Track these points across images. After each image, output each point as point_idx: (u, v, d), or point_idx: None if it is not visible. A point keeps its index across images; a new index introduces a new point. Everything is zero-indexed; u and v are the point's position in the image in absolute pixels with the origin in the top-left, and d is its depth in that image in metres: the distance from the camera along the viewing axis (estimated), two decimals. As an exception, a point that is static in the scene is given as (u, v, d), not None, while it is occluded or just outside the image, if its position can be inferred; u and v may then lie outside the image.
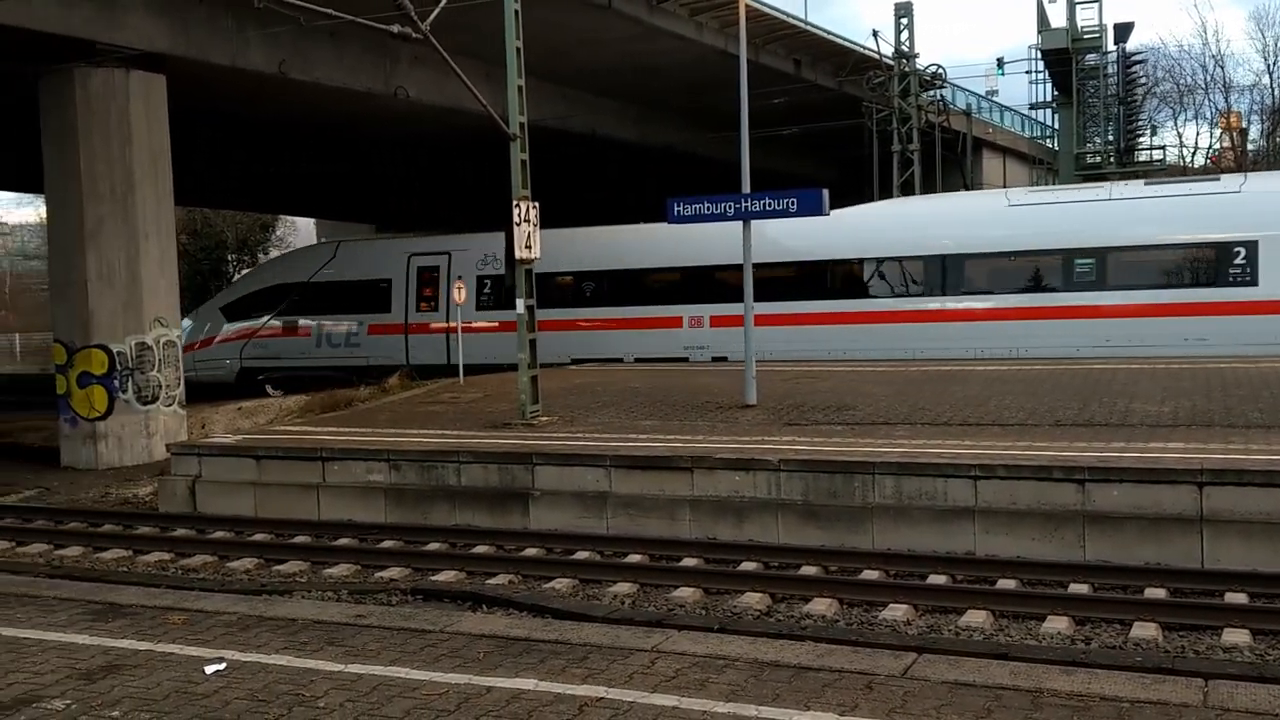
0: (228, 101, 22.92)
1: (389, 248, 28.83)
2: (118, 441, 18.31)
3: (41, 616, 6.98)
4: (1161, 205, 20.36)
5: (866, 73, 30.69)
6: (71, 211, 18.21)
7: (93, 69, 17.77)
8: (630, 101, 28.44)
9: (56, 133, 18.28)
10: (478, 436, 14.28)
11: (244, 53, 19.18)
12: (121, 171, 18.17)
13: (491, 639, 6.22)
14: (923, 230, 21.89)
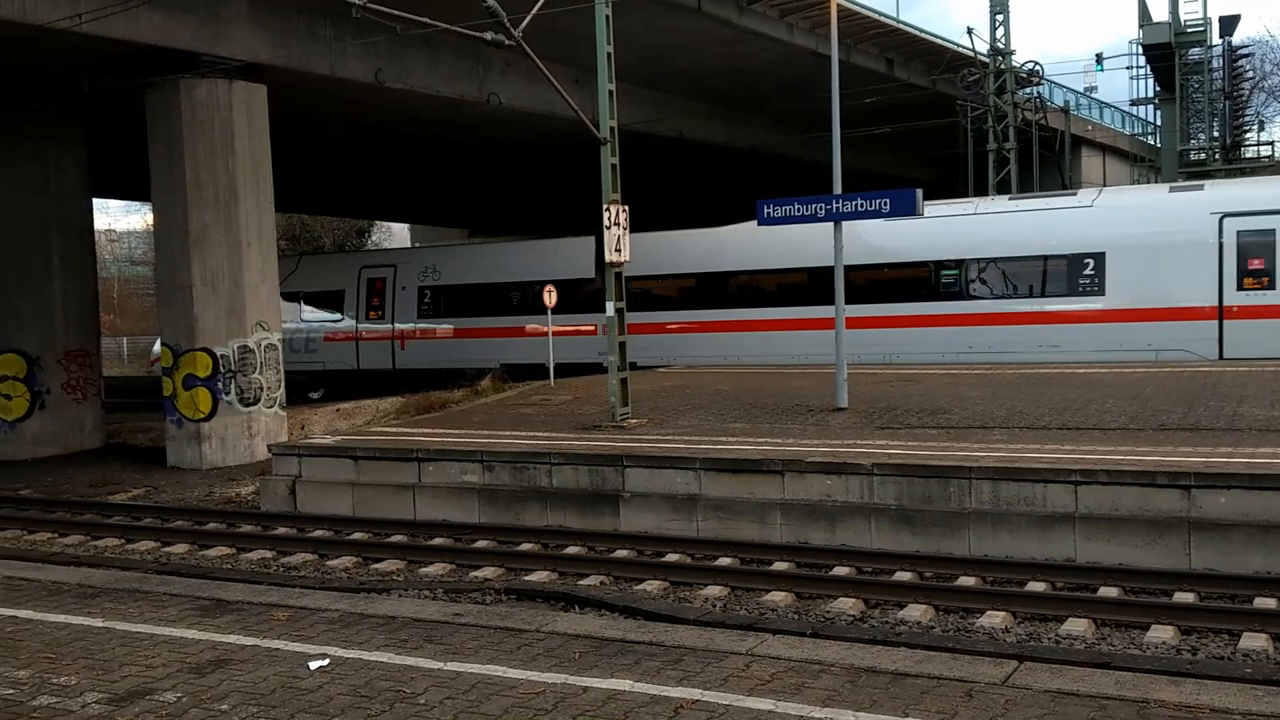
0: (325, 110, 23.44)
1: (345, 261, 31.00)
2: (221, 442, 18.82)
3: (153, 611, 7.21)
4: (1021, 219, 21.46)
5: (961, 71, 30.23)
6: (177, 219, 18.78)
7: (197, 80, 18.31)
8: (719, 103, 28.40)
9: (163, 142, 18.87)
10: (568, 438, 14.38)
11: (342, 62, 19.60)
12: (225, 179, 18.70)
13: (586, 639, 6.27)
14: (804, 243, 22.15)
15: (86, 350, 21.85)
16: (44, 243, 21.08)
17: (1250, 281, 19.12)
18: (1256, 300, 18.80)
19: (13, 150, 20.78)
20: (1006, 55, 31.78)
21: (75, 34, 16.02)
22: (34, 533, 14.30)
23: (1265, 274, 19.00)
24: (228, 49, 18.16)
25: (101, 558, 12.48)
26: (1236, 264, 19.21)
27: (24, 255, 20.94)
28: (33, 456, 20.69)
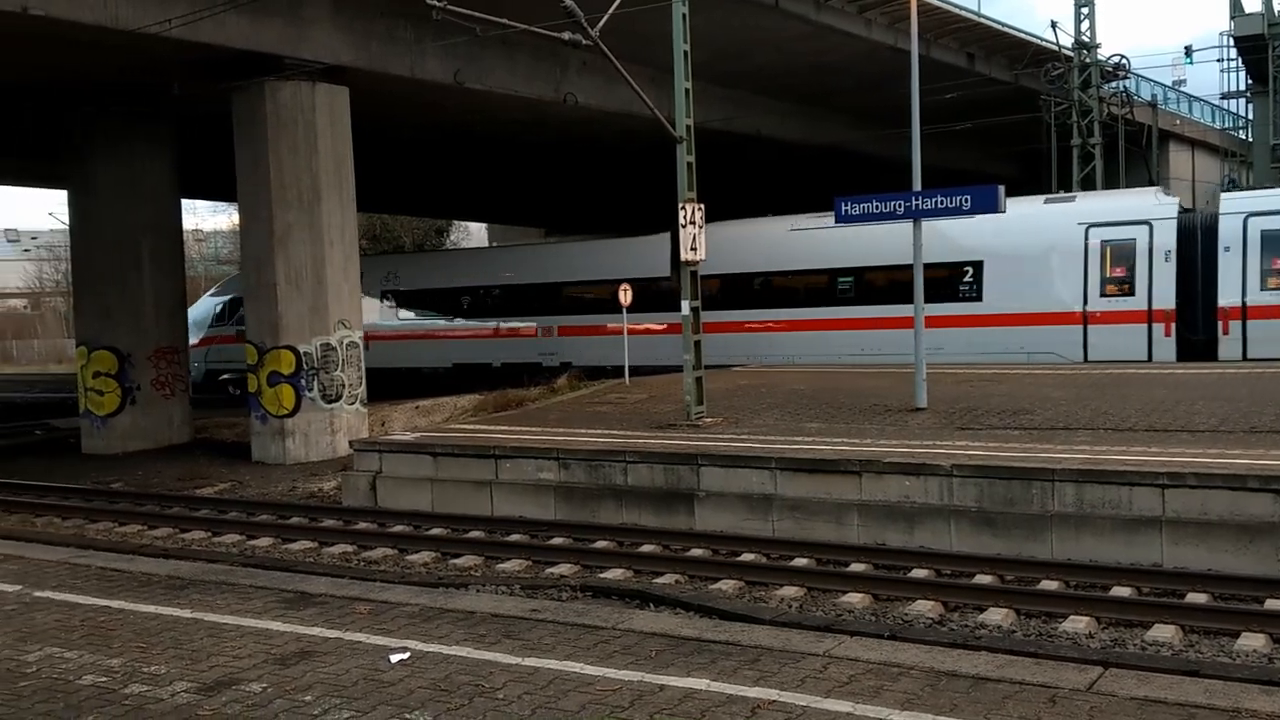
0: (404, 111, 23.75)
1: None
2: (304, 438, 19.19)
3: (239, 603, 7.38)
4: (908, 229, 21.63)
5: (1044, 65, 29.67)
6: (262, 219, 19.20)
7: (281, 83, 18.69)
8: (796, 100, 28.22)
9: (248, 144, 19.30)
10: (643, 437, 14.41)
11: (421, 63, 19.86)
12: (308, 180, 19.07)
13: (663, 637, 6.28)
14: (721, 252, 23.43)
15: (175, 347, 22.43)
16: (134, 243, 21.67)
17: (1112, 288, 20.40)
18: (1118, 306, 19.99)
19: (106, 153, 21.40)
20: (1091, 49, 31.12)
21: (165, 39, 16.45)
22: (124, 525, 14.72)
23: (1126, 281, 20.29)
24: (311, 52, 18.51)
25: (189, 550, 12.80)
26: (1100, 272, 20.48)
27: (116, 255, 21.56)
28: (123, 450, 21.29)
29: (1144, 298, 20.11)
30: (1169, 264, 20.16)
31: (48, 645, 6.56)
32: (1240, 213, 20.00)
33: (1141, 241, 20.02)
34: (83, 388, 21.94)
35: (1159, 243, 20.25)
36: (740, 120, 26.41)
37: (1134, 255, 20.23)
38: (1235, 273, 19.79)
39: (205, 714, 5.38)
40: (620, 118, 23.54)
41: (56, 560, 8.98)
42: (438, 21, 14.20)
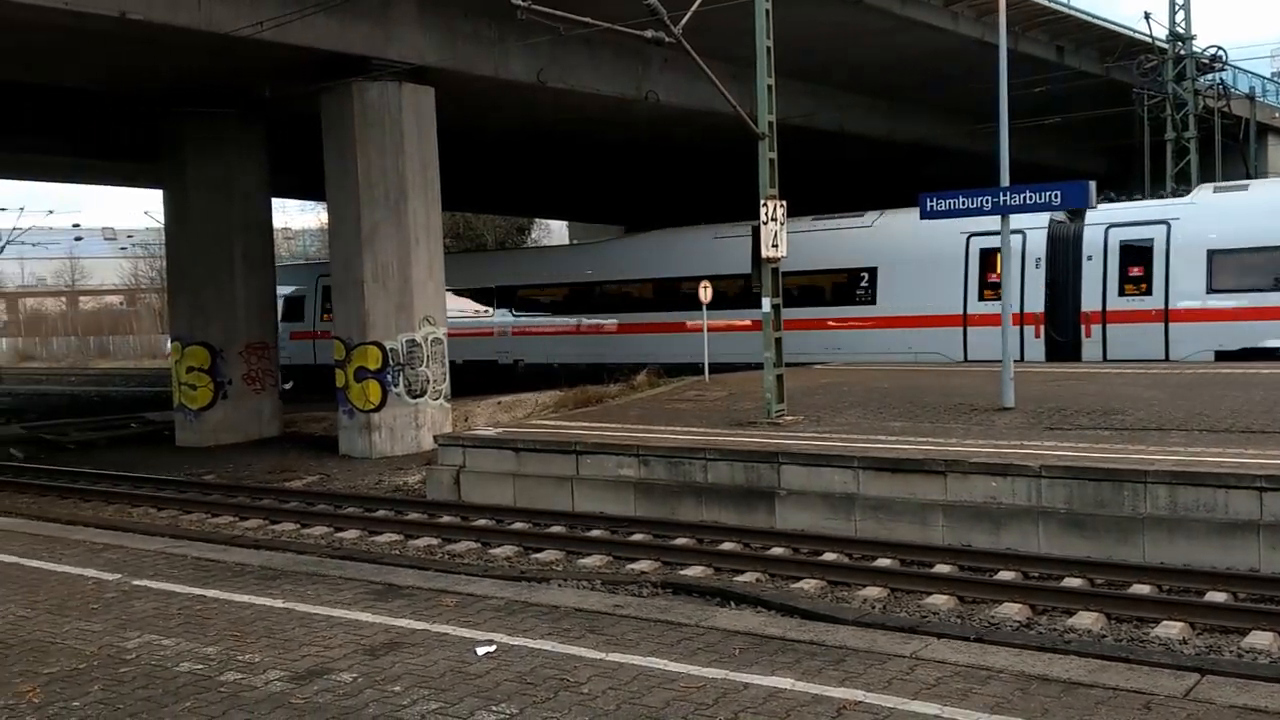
0: (488, 110, 23.99)
1: (307, 269, 35.74)
2: (389, 432, 19.51)
3: (329, 594, 7.53)
4: (817, 238, 24.25)
5: (1137, 57, 28.90)
6: (350, 217, 19.55)
7: (369, 83, 19.01)
8: (880, 95, 27.90)
9: (337, 144, 19.67)
10: (723, 434, 14.38)
11: (505, 63, 20.05)
12: (395, 179, 19.37)
13: (746, 636, 6.26)
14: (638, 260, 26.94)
15: (265, 343, 22.94)
16: (227, 241, 22.21)
17: (989, 293, 21.27)
18: (995, 309, 20.02)
19: (200, 154, 21.96)
20: (1186, 40, 30.25)
21: (256, 41, 16.84)
22: (217, 516, 15.11)
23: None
24: (398, 52, 18.79)
25: (278, 541, 13.08)
26: (979, 278, 21.71)
27: (210, 253, 22.12)
28: (215, 443, 21.84)
29: (1016, 302, 20.85)
30: (1039, 270, 21.41)
31: (146, 632, 6.76)
32: (1102, 224, 21.15)
33: (1016, 249, 20.54)
34: (176, 382, 22.55)
35: (1030, 250, 21.38)
36: (823, 115, 26.20)
37: (1018, 262, 21.13)
38: (1097, 280, 21.00)
39: (298, 703, 5.50)
40: (701, 115, 23.50)
41: (153, 550, 9.24)
42: (522, 21, 14.32)
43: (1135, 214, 21.39)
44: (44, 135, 26.67)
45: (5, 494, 17.43)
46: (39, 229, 55.77)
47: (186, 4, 16.27)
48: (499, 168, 33.78)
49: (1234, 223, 20.20)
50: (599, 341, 27.93)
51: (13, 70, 20.01)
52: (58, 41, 17.17)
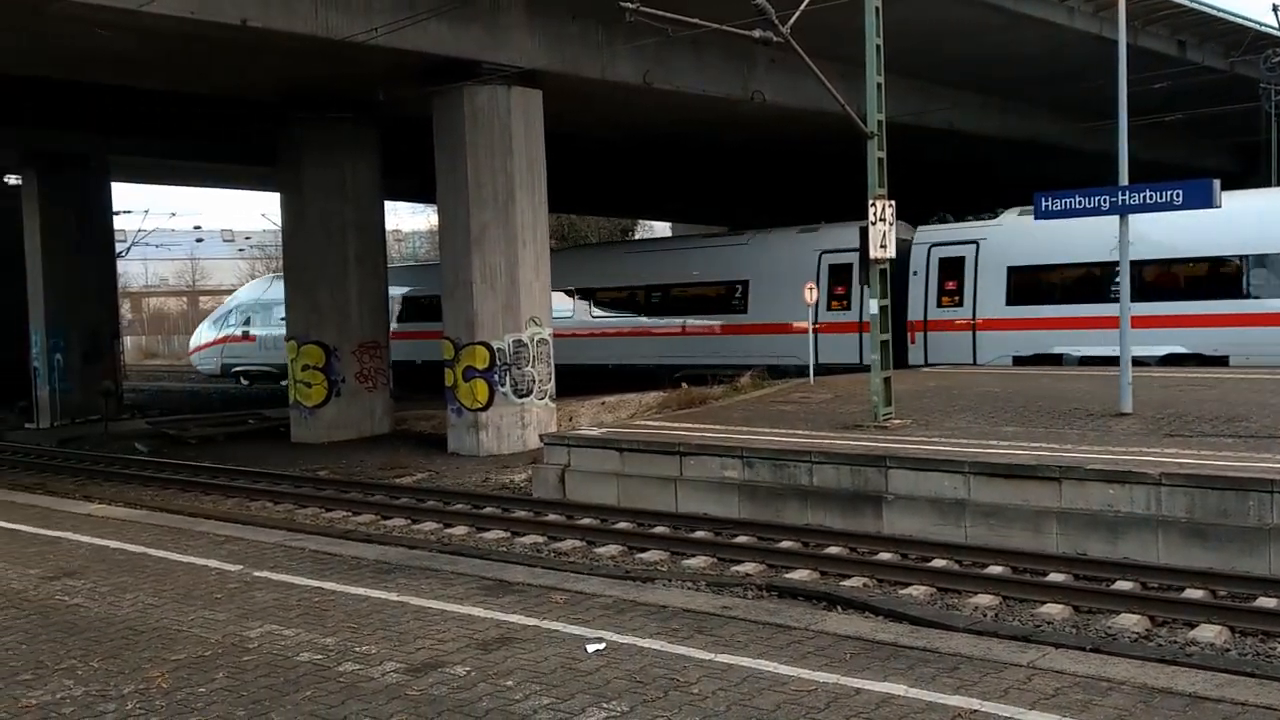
0: (593, 112, 24.18)
1: None
2: (496, 431, 19.79)
3: (442, 588, 7.67)
4: (703, 253, 28.88)
5: (1264, 51, 27.80)
6: (459, 219, 19.88)
7: (479, 87, 19.31)
8: (992, 93, 27.35)
9: (447, 147, 20.02)
10: (829, 437, 14.25)
11: (612, 65, 20.18)
12: (503, 181, 19.64)
13: (856, 640, 6.20)
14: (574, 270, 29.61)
15: (377, 342, 23.47)
16: (341, 242, 22.78)
17: (835, 304, 24.53)
18: (839, 319, 24.28)
19: (317, 157, 22.56)
20: (1317, 33, 28.99)
21: (371, 47, 17.24)
22: (331, 511, 15.50)
23: (845, 298, 24.42)
24: (507, 56, 19.05)
25: (391, 536, 13.38)
26: (828, 291, 24.57)
27: (324, 254, 22.70)
28: (328, 440, 22.39)
29: (856, 312, 23.50)
30: None
31: (267, 623, 6.98)
32: (926, 243, 23.82)
33: (856, 266, 22.40)
34: (292, 380, 23.20)
35: None
36: (934, 114, 25.79)
37: (851, 277, 23.81)
38: (920, 293, 23.69)
39: (413, 694, 5.62)
40: (807, 114, 23.33)
41: (272, 542, 9.53)
42: (629, 23, 14.39)
43: (953, 234, 23.84)
44: (169, 140, 27.74)
45: (131, 487, 18.17)
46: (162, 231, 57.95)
47: (304, 11, 16.74)
48: (603, 169, 34.00)
49: (1030, 243, 22.43)
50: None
51: (142, 78, 20.85)
52: (183, 49, 17.80)
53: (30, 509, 11.60)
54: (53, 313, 28.88)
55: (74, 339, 29.06)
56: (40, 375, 29.05)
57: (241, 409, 29.25)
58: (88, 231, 29.68)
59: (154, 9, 14.99)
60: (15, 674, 6.14)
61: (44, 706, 5.63)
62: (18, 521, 10.68)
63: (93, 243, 29.94)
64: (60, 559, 8.98)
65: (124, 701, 5.65)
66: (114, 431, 25.74)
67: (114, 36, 16.66)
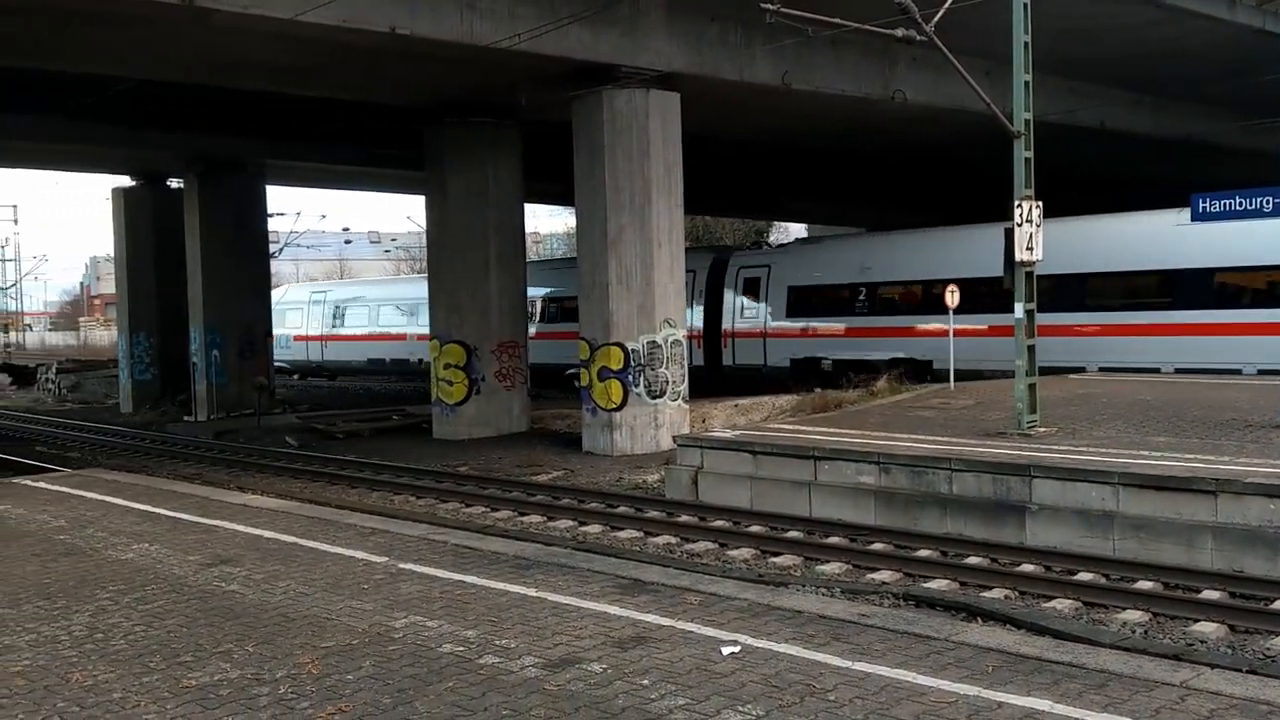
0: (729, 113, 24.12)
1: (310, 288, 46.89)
2: (630, 431, 19.94)
3: (578, 586, 7.78)
4: None
5: None
6: (597, 221, 20.11)
7: (617, 90, 19.49)
8: (1145, 90, 26.29)
9: (586, 150, 20.26)
10: (970, 444, 13.94)
11: (750, 67, 20.13)
12: (640, 183, 19.78)
13: (999, 653, 6.06)
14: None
15: (516, 342, 23.88)
16: (483, 244, 23.26)
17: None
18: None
19: (461, 160, 23.09)
20: None
21: (514, 52, 17.57)
22: (470, 506, 15.86)
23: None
24: (646, 60, 19.18)
25: (527, 533, 13.62)
26: (740, 300, 29.33)
27: (466, 256, 23.22)
28: (468, 437, 22.90)
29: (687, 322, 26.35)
30: (701, 299, 29.75)
31: (412, 614, 7.19)
32: (736, 265, 29.48)
33: (690, 282, 25.57)
34: (434, 378, 23.79)
35: (698, 284, 29.18)
36: (1083, 112, 24.95)
37: (690, 291, 25.95)
38: (730, 306, 29.26)
39: (551, 689, 5.72)
40: (949, 113, 22.85)
41: (416, 536, 9.80)
42: (769, 25, 14.33)
43: (756, 258, 29.56)
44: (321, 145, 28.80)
45: (282, 479, 18.92)
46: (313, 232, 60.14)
47: (450, 18, 17.16)
48: (738, 170, 33.93)
49: (805, 268, 28.39)
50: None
51: (295, 85, 21.69)
52: (334, 57, 18.44)
53: (190, 498, 12.18)
54: (211, 311, 30.31)
55: (230, 336, 30.44)
56: (198, 370, 30.50)
57: (386, 405, 30.15)
58: (244, 233, 31.08)
59: (308, 18, 15.58)
60: (176, 655, 6.47)
61: (203, 688, 5.91)
62: (178, 510, 11.24)
63: (248, 244, 31.32)
64: (218, 546, 9.42)
65: (276, 686, 5.89)
66: (266, 425, 26.84)
67: (269, 45, 17.38)
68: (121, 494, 12.36)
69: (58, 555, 9.19)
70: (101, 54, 18.79)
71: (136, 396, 34.11)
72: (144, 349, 34.22)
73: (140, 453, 23.69)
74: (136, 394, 34.17)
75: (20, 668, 6.31)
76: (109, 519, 10.81)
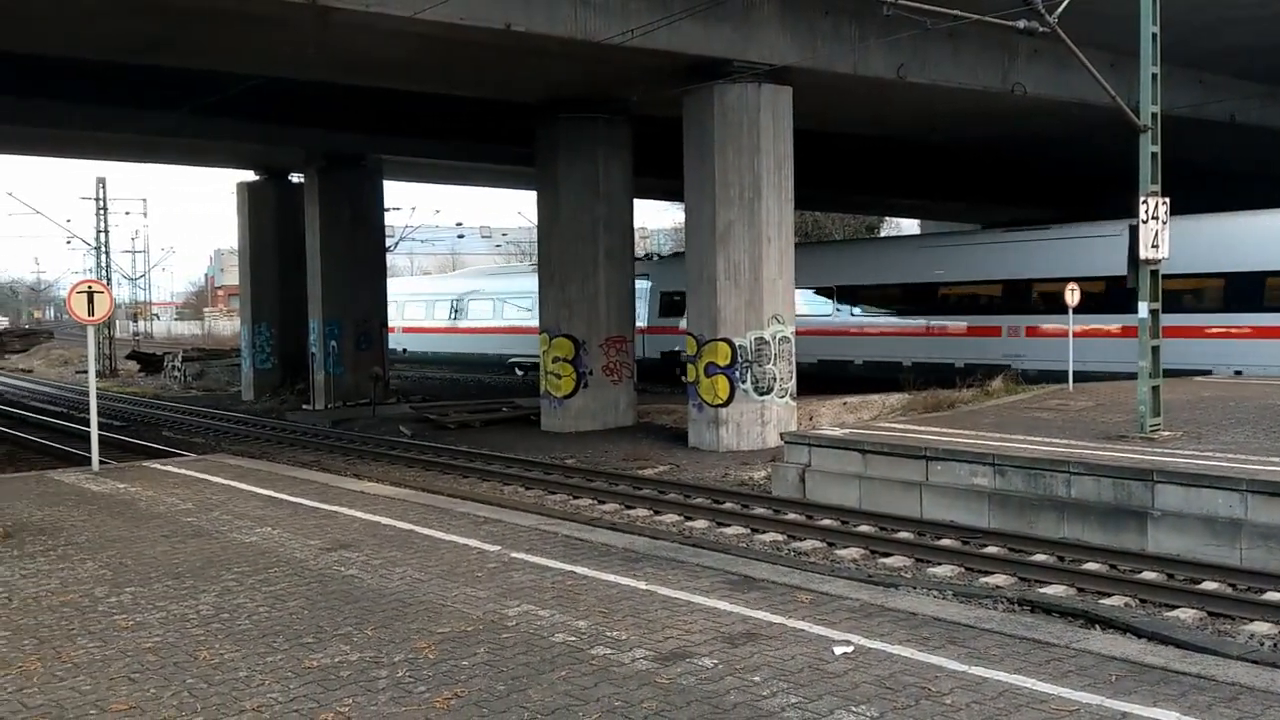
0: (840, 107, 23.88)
1: None
2: (736, 427, 19.89)
3: (688, 580, 7.78)
4: None
5: None
6: (706, 217, 20.09)
7: (729, 85, 19.44)
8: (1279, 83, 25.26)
9: (696, 145, 20.25)
10: (1089, 447, 13.57)
11: (864, 60, 19.88)
12: (750, 178, 19.71)
13: (1123, 662, 5.88)
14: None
15: (623, 337, 24.01)
16: (593, 239, 23.43)
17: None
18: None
19: (574, 156, 23.28)
20: None
21: (626, 48, 17.65)
22: (578, 498, 16.01)
23: None
24: (758, 54, 19.09)
25: (634, 526, 13.69)
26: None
27: (576, 250, 23.42)
28: (575, 430, 23.11)
29: None
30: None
31: (524, 602, 7.27)
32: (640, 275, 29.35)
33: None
34: (544, 371, 24.05)
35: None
36: (1213, 106, 24.06)
37: None
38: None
39: (662, 682, 5.73)
40: (1069, 106, 22.28)
41: (527, 526, 9.91)
42: (885, 17, 14.15)
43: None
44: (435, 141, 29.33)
45: (396, 467, 19.35)
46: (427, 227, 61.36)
47: (564, 15, 17.31)
48: (849, 165, 33.54)
49: (671, 277, 33.31)
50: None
51: (411, 81, 22.14)
52: (449, 53, 18.75)
53: (309, 484, 12.53)
54: (329, 302, 31.16)
55: (347, 327, 31.25)
56: (317, 361, 31.38)
57: (496, 397, 30.59)
58: (361, 226, 31.87)
59: (426, 15, 15.87)
60: (299, 636, 6.66)
61: (324, 669, 6.07)
62: (299, 495, 11.56)
63: (365, 237, 32.11)
64: (337, 532, 9.67)
65: (395, 669, 6.02)
66: (381, 415, 27.49)
67: (387, 42, 17.75)
68: (244, 479, 12.77)
69: (185, 537, 9.54)
70: (228, 52, 19.44)
71: (257, 385, 35.29)
72: (265, 339, 35.39)
73: (261, 439, 24.48)
74: (258, 382, 35.36)
75: (151, 644, 6.56)
76: (233, 503, 11.18)
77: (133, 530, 9.87)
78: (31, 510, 10.89)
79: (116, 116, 25.48)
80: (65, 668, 6.15)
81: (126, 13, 16.62)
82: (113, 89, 23.62)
